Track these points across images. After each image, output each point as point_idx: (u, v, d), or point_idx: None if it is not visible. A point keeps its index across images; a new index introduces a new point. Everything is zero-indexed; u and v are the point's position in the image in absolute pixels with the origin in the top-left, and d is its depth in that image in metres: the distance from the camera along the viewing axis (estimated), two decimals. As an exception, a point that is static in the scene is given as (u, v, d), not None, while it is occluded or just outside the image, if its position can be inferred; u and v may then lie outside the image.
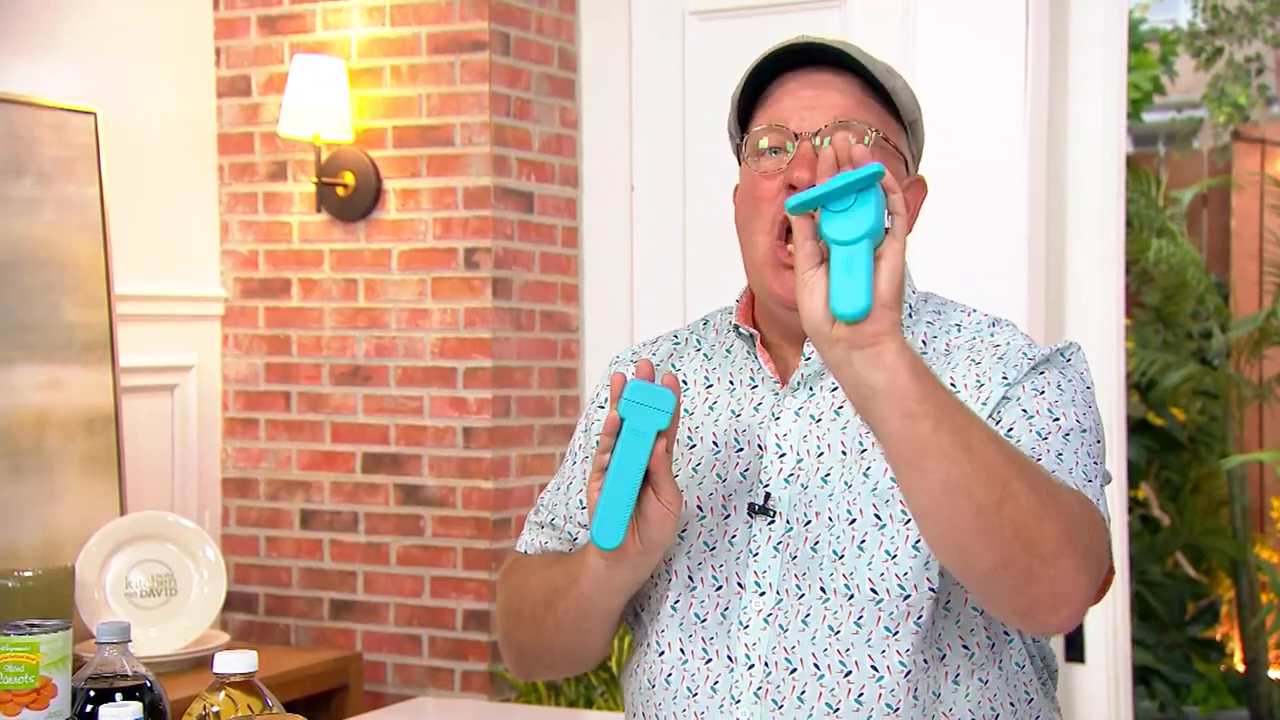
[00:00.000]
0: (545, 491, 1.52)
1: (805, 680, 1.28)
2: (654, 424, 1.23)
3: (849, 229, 1.11)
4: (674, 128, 3.07)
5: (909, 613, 1.27)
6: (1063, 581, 1.16)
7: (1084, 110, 2.81)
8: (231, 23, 3.13)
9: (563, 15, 3.13)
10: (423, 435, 2.99)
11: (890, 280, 1.11)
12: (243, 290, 3.15)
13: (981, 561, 1.15)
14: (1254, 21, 5.73)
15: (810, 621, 1.29)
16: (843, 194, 1.11)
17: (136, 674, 1.27)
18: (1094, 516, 1.23)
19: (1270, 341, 4.38)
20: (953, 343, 1.37)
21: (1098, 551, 1.21)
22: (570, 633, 1.38)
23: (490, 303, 2.94)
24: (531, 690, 2.88)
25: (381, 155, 3.01)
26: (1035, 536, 1.13)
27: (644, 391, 1.23)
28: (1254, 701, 4.44)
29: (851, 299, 1.10)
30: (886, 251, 1.12)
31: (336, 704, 2.79)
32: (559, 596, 1.37)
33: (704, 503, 1.36)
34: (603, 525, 1.24)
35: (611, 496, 1.23)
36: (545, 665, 1.46)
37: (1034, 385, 1.31)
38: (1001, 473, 1.13)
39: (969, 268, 2.75)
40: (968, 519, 1.12)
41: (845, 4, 2.88)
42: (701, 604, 1.34)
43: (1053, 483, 1.19)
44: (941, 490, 1.12)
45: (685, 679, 1.34)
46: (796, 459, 1.33)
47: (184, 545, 2.70)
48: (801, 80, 1.34)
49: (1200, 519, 4.78)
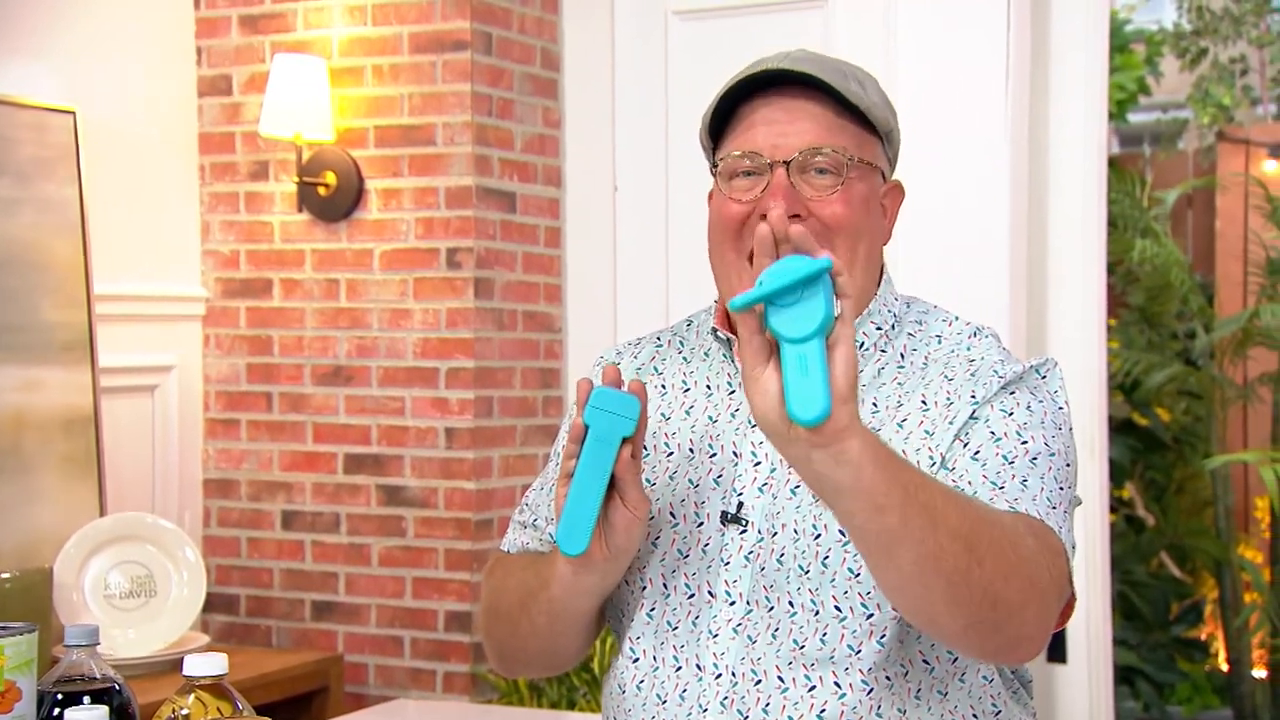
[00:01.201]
0: (529, 491, 1.52)
1: (770, 693, 1.28)
2: (619, 431, 1.22)
3: (800, 325, 1.05)
4: (657, 127, 3.07)
5: (872, 631, 1.27)
6: (1027, 627, 1.18)
7: (1065, 112, 2.81)
8: (212, 22, 3.11)
9: (545, 15, 3.13)
10: (405, 436, 2.99)
11: (846, 372, 1.06)
12: (224, 290, 3.14)
13: (950, 625, 1.16)
14: (1238, 22, 5.75)
15: (778, 635, 1.29)
16: (790, 289, 1.05)
17: (105, 677, 1.27)
18: (1054, 551, 1.23)
19: (1253, 342, 4.39)
20: (931, 355, 1.37)
21: (1059, 585, 1.23)
22: (544, 635, 1.38)
23: (472, 303, 2.93)
24: (513, 691, 2.87)
25: (363, 155, 3.00)
26: (1000, 593, 1.14)
27: (609, 398, 1.23)
28: (1238, 701, 4.45)
29: (810, 403, 1.04)
30: (839, 339, 1.06)
31: (317, 706, 2.78)
32: (532, 599, 1.37)
33: (677, 509, 1.36)
34: (568, 531, 1.23)
35: (576, 503, 1.23)
36: (524, 664, 1.47)
37: (1003, 406, 1.30)
38: (968, 539, 1.12)
39: (951, 269, 2.75)
40: (938, 592, 1.13)
41: (827, 5, 2.88)
42: (674, 611, 1.34)
43: (1015, 531, 1.19)
44: (912, 571, 1.12)
45: (655, 686, 1.34)
46: (770, 468, 1.33)
47: (163, 546, 2.68)
48: (774, 103, 1.33)
49: (1185, 519, 4.79)
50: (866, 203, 1.34)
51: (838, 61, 1.37)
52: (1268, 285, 4.41)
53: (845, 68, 1.36)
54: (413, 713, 2.50)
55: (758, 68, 1.33)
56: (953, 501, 1.14)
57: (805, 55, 1.35)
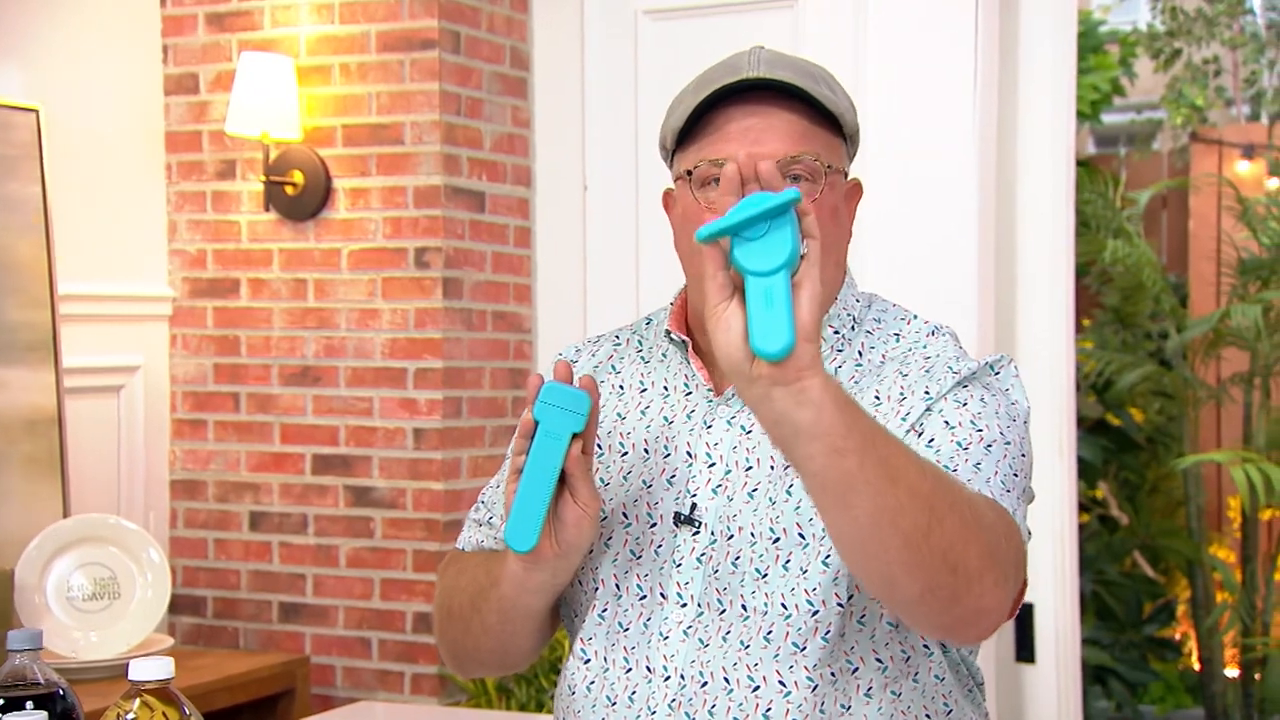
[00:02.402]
0: (485, 489, 1.51)
1: (716, 694, 1.28)
2: (568, 426, 1.22)
3: (766, 259, 1.04)
4: (627, 127, 3.06)
5: (817, 628, 1.26)
6: (986, 598, 1.15)
7: (1033, 111, 2.81)
8: (179, 20, 3.09)
9: (514, 14, 3.11)
10: (373, 436, 2.97)
11: (811, 310, 1.05)
12: (191, 290, 3.12)
13: (908, 589, 1.13)
14: (1211, 24, 5.77)
15: (729, 638, 1.28)
16: (756, 221, 1.05)
17: (49, 682, 1.25)
18: (1011, 528, 1.23)
19: (1225, 342, 4.40)
20: (889, 353, 1.36)
21: (1016, 562, 1.22)
22: (495, 633, 1.37)
23: (441, 303, 2.92)
24: (482, 693, 2.86)
25: (331, 154, 2.98)
26: (960, 559, 1.12)
27: (559, 394, 1.22)
28: (1209, 700, 4.46)
29: (774, 336, 1.03)
30: (804, 279, 1.06)
31: (283, 708, 2.77)
32: (483, 597, 1.36)
33: (630, 509, 1.35)
34: (516, 528, 1.22)
35: (525, 499, 1.22)
36: (477, 663, 1.46)
37: (957, 398, 1.30)
38: (928, 499, 1.10)
39: (919, 269, 2.75)
40: (895, 550, 1.10)
41: (796, 4, 2.88)
42: (626, 613, 1.33)
43: (975, 499, 1.18)
44: (869, 524, 1.09)
45: (605, 688, 1.33)
46: (725, 470, 1.32)
47: (127, 548, 2.66)
48: (747, 109, 1.30)
49: (1158, 519, 4.80)
50: (836, 212, 1.34)
51: (803, 62, 1.35)
52: (1239, 285, 4.42)
53: (813, 70, 1.35)
54: (380, 715, 2.49)
55: (731, 75, 1.30)
56: (913, 460, 1.12)
57: (774, 57, 1.33)
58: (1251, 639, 4.28)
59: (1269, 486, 3.84)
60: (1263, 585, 4.34)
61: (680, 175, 1.35)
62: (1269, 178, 5.18)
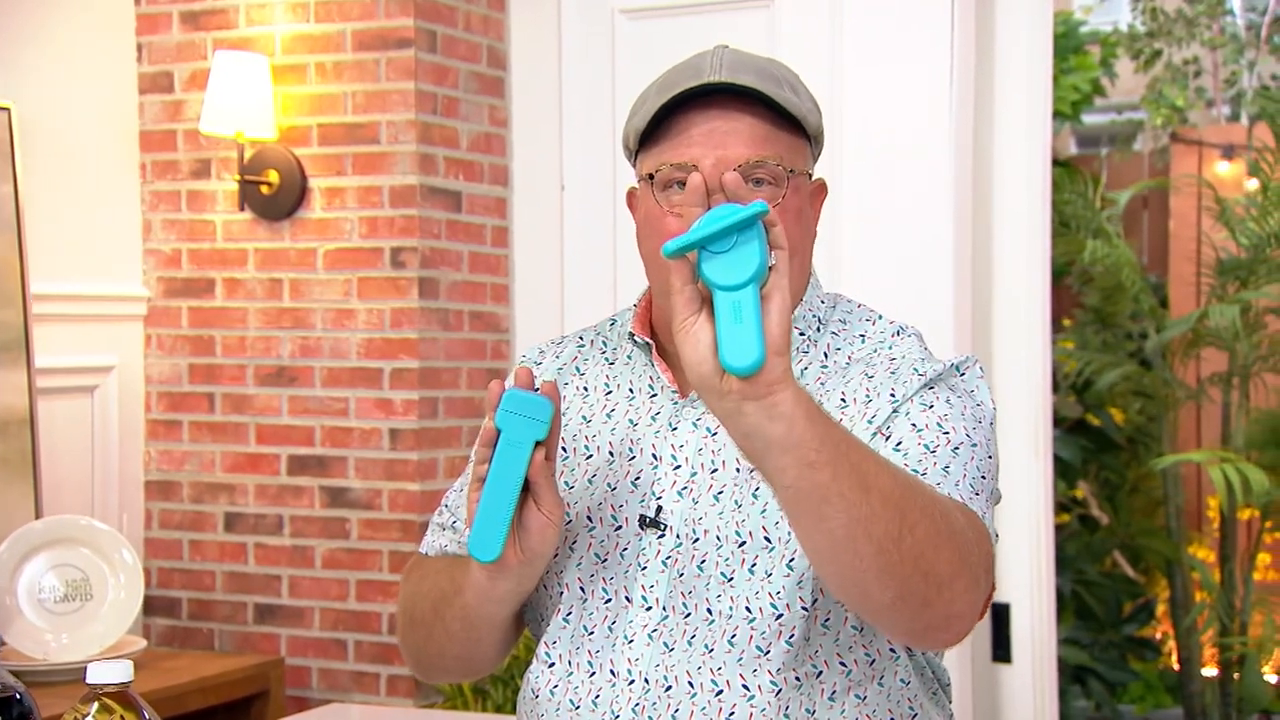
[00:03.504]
0: (449, 493, 1.49)
1: (680, 699, 1.27)
2: (531, 434, 1.20)
3: (733, 273, 1.03)
4: (604, 126, 3.05)
5: (780, 632, 1.26)
6: (957, 603, 1.15)
7: (1010, 112, 2.81)
8: (153, 18, 3.08)
9: (491, 13, 3.10)
10: (348, 437, 2.96)
11: (780, 323, 1.04)
12: (165, 290, 3.10)
13: (880, 596, 1.13)
14: (1192, 24, 5.78)
15: (694, 641, 1.28)
16: (723, 235, 1.03)
17: (5, 685, 1.24)
18: (980, 532, 1.23)
19: (1203, 343, 4.41)
20: (855, 355, 1.36)
21: (986, 566, 1.21)
22: (458, 640, 1.36)
23: (417, 303, 2.90)
24: (457, 695, 2.85)
25: (306, 153, 2.96)
26: (932, 564, 1.12)
27: (521, 401, 1.21)
28: (1188, 700, 4.47)
29: (743, 351, 1.02)
30: (773, 290, 1.05)
31: (257, 710, 2.75)
32: (446, 604, 1.35)
33: (594, 513, 1.34)
34: (480, 537, 1.21)
35: (489, 508, 1.21)
36: (441, 669, 1.45)
37: (923, 400, 1.29)
38: (899, 505, 1.10)
39: (895, 270, 2.74)
40: (868, 559, 1.10)
41: (773, 4, 2.87)
42: (591, 616, 1.33)
43: (945, 503, 1.18)
44: (843, 534, 1.09)
45: (569, 691, 1.32)
46: (690, 472, 1.31)
47: (99, 549, 2.65)
48: (710, 113, 1.29)
49: (1138, 519, 4.81)
50: (800, 214, 1.33)
51: (767, 63, 1.35)
52: (1217, 286, 4.43)
53: (776, 71, 1.34)
54: (355, 717, 2.48)
55: (694, 79, 1.29)
56: (884, 467, 1.12)
57: (736, 59, 1.32)
58: (1230, 638, 4.29)
59: (1247, 486, 3.84)
60: (1241, 585, 4.35)
61: (643, 178, 1.34)
62: (1248, 178, 5.19)
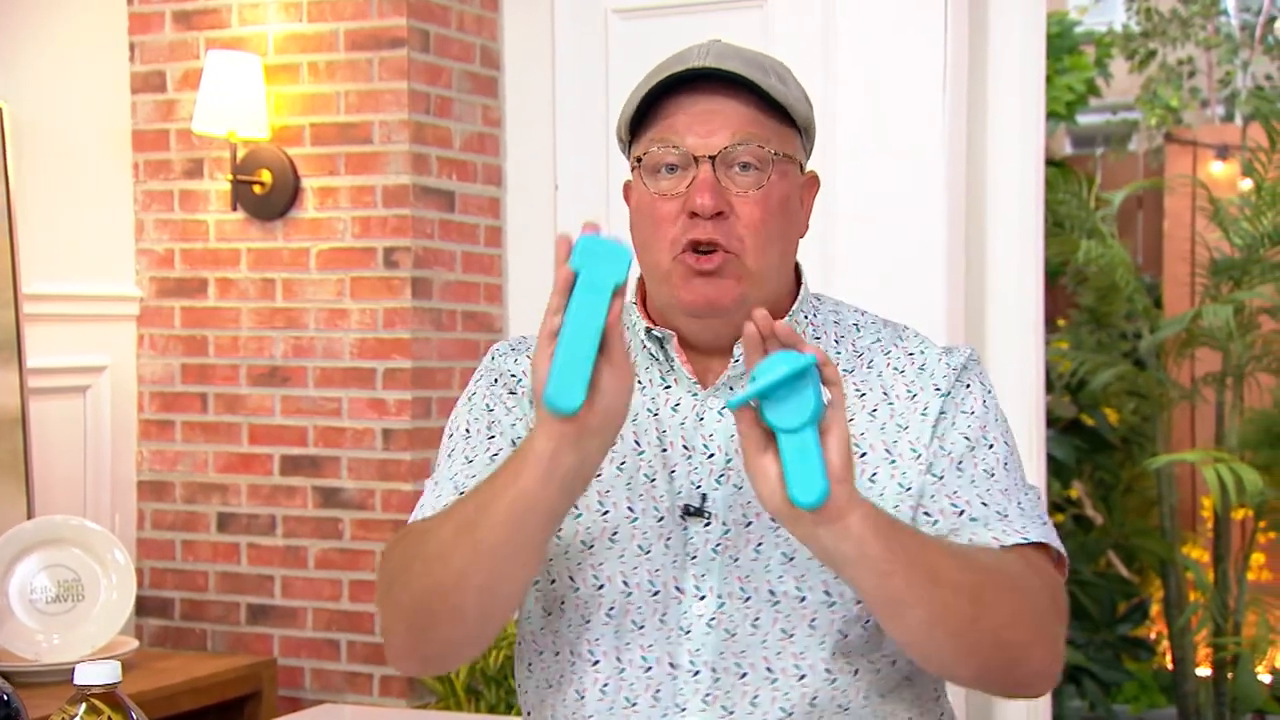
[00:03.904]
0: (439, 469, 1.39)
1: (758, 685, 1.27)
2: (611, 276, 1.12)
3: (793, 416, 1.12)
4: (598, 126, 3.05)
5: (860, 615, 1.28)
6: (1039, 663, 1.24)
7: (1003, 113, 2.81)
8: (146, 18, 3.07)
9: (484, 12, 3.10)
10: (341, 437, 2.95)
11: (840, 451, 1.13)
12: (158, 290, 3.09)
13: (963, 673, 1.25)
14: (1186, 25, 5.78)
15: (760, 625, 1.28)
16: (780, 386, 1.12)
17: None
18: (1052, 576, 1.30)
19: (1197, 343, 4.41)
20: (859, 344, 1.39)
21: (1061, 613, 1.28)
22: (493, 554, 1.20)
23: (410, 303, 2.90)
24: (450, 694, 2.85)
25: (299, 153, 2.96)
26: (1009, 639, 1.21)
27: (598, 245, 1.13)
28: (1182, 700, 4.47)
29: (809, 487, 1.12)
30: (831, 424, 1.13)
31: (250, 711, 2.75)
32: (482, 514, 1.20)
33: (635, 504, 1.32)
34: (561, 386, 1.11)
35: (569, 355, 1.11)
36: (448, 620, 1.25)
37: (964, 406, 1.35)
38: (971, 592, 1.19)
39: (889, 270, 2.74)
40: (946, 647, 1.20)
41: (766, 4, 2.87)
42: (639, 610, 1.30)
43: (1015, 574, 1.24)
44: (921, 628, 1.19)
45: (623, 689, 1.30)
46: (725, 459, 1.32)
47: (91, 549, 2.64)
48: (697, 99, 1.32)
49: (1132, 519, 4.81)
50: (786, 201, 1.34)
51: (756, 54, 1.36)
52: (1211, 286, 4.43)
53: (765, 61, 1.36)
54: (347, 717, 2.47)
55: (680, 65, 1.32)
56: (954, 557, 1.21)
57: (725, 49, 1.34)
58: (1223, 638, 4.29)
59: (1240, 486, 3.84)
60: (1234, 585, 4.35)
61: (633, 164, 1.36)
62: (1242, 178, 5.19)
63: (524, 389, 1.40)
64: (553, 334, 1.13)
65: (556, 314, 1.14)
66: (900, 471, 1.32)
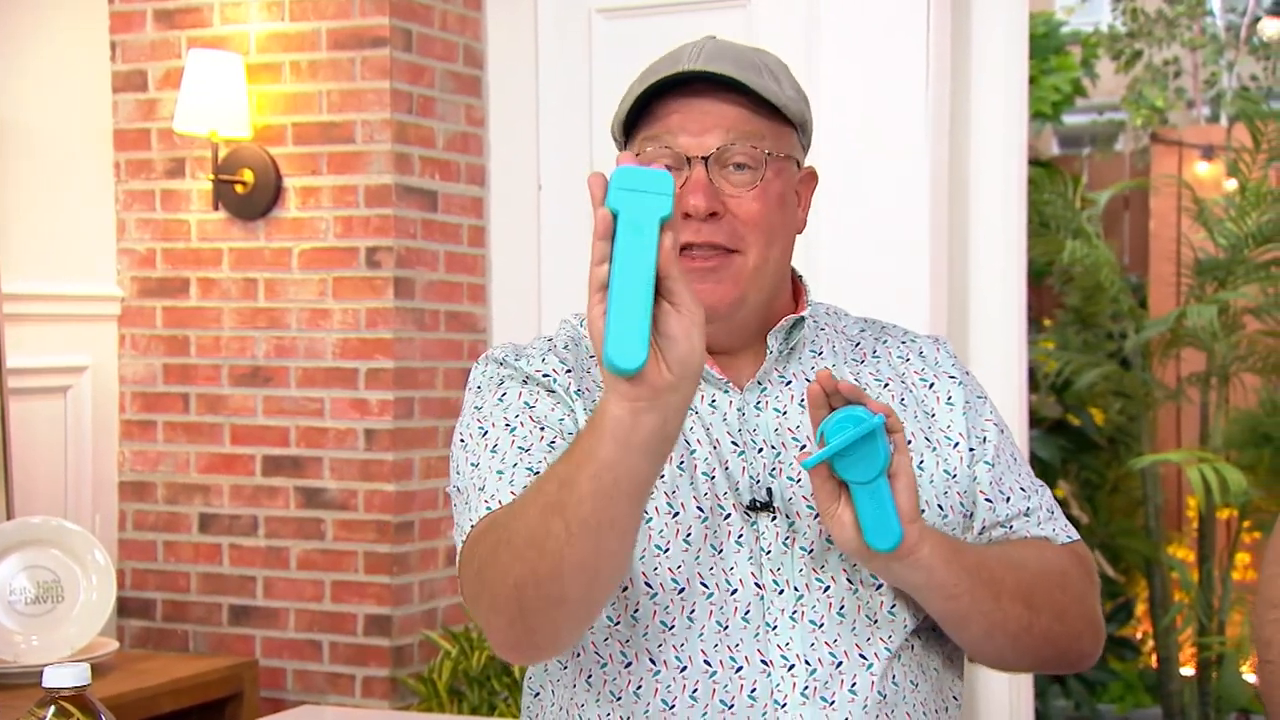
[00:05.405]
0: (479, 467, 1.28)
1: (854, 673, 1.28)
2: (655, 210, 1.00)
3: (864, 470, 1.21)
4: (581, 125, 3.04)
5: None
6: (1088, 646, 1.38)
7: (986, 112, 2.81)
8: (127, 16, 3.06)
9: (467, 11, 3.09)
10: (324, 437, 2.94)
11: (909, 494, 1.22)
12: (140, 289, 3.08)
13: (1020, 667, 1.40)
14: (1172, 25, 5.79)
15: (846, 613, 1.29)
16: (851, 446, 1.20)
17: (-39, 689, 1.22)
18: (1084, 561, 1.40)
19: (1182, 343, 4.42)
20: (864, 342, 1.44)
21: (1097, 584, 1.40)
22: (590, 529, 1.10)
23: (392, 303, 2.89)
24: (433, 696, 2.84)
25: (281, 152, 2.95)
26: (1059, 634, 1.33)
27: (636, 176, 1.01)
28: (1167, 699, 4.48)
29: (884, 534, 1.21)
30: (899, 470, 1.22)
31: (231, 712, 2.74)
32: (568, 492, 1.10)
33: (702, 503, 1.29)
34: (619, 344, 0.99)
35: (622, 308, 0.99)
36: (547, 616, 1.17)
37: (976, 390, 1.42)
38: (1026, 597, 1.30)
39: (872, 268, 2.74)
40: (1006, 649, 1.33)
41: (749, 3, 2.87)
42: (721, 610, 1.28)
43: (1058, 571, 1.35)
44: (982, 636, 1.31)
45: (717, 691, 1.27)
46: (775, 453, 1.32)
47: (71, 550, 2.63)
48: (691, 99, 1.32)
49: (1117, 519, 4.82)
50: (782, 199, 1.34)
51: (751, 52, 1.36)
52: (1196, 286, 4.44)
53: (758, 59, 1.35)
54: (329, 718, 2.47)
55: (673, 66, 1.32)
56: (1009, 568, 1.31)
57: (718, 48, 1.34)
58: (1208, 638, 4.29)
59: (1225, 486, 3.85)
60: (1219, 585, 4.36)
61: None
62: (1227, 179, 5.20)
63: (561, 386, 1.33)
64: (602, 286, 1.02)
65: (602, 263, 1.02)
66: (942, 459, 1.36)
